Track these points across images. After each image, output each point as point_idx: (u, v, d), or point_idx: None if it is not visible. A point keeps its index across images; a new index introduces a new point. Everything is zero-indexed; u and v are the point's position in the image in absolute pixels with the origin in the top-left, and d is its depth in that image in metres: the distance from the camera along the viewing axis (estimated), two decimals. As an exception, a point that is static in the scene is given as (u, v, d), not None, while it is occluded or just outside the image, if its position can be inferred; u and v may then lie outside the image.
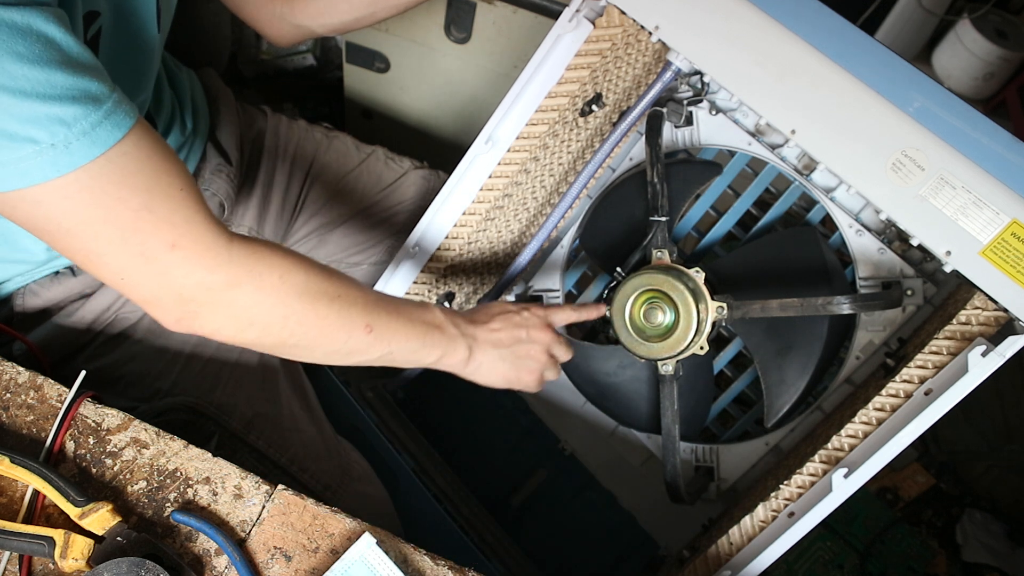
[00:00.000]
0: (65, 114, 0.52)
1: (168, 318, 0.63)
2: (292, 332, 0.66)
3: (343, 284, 0.70)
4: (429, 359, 0.78)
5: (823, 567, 1.39)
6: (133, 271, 0.59)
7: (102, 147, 0.54)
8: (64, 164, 0.53)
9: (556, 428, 1.17)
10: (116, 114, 0.55)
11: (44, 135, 0.51)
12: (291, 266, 0.65)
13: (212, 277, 0.61)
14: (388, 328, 0.72)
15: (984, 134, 0.64)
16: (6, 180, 0.52)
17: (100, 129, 0.54)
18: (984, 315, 0.67)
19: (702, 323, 0.85)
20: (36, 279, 0.81)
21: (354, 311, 0.69)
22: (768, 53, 0.69)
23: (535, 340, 0.85)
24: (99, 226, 0.56)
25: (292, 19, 0.95)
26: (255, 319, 0.64)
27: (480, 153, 0.91)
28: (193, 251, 0.59)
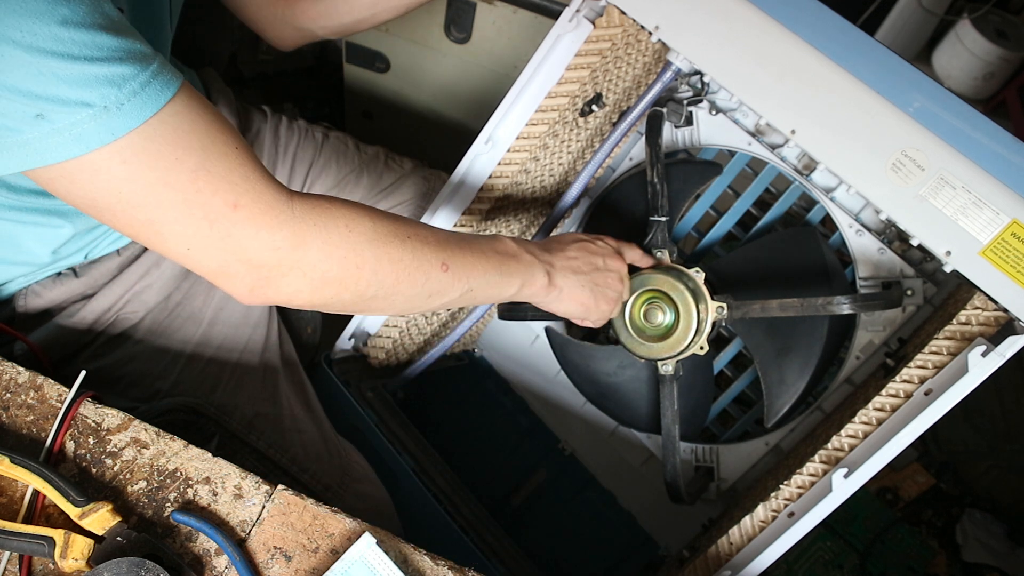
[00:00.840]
0: (115, 75, 0.51)
1: (241, 288, 0.60)
2: (369, 282, 0.64)
3: (411, 225, 0.67)
4: (510, 290, 0.75)
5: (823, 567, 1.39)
6: (198, 238, 0.57)
7: (154, 107, 0.53)
8: (119, 127, 0.52)
9: (556, 428, 1.17)
10: (163, 74, 0.54)
11: (96, 97, 0.51)
12: (356, 214, 0.63)
13: (277, 236, 0.59)
14: (464, 263, 0.70)
15: (984, 134, 0.64)
16: (63, 148, 0.52)
17: (150, 89, 0.53)
18: (984, 315, 0.67)
19: (702, 323, 0.85)
20: (38, 280, 0.81)
21: (427, 250, 0.67)
22: (768, 53, 0.69)
23: (611, 268, 0.84)
24: (159, 190, 0.54)
25: (293, 21, 0.95)
26: (329, 275, 0.62)
27: (480, 153, 0.91)
28: (256, 209, 0.57)
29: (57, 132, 0.51)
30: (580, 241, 0.84)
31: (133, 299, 0.87)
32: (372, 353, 1.08)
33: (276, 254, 0.59)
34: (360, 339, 1.07)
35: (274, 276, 0.60)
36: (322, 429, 0.99)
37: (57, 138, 0.51)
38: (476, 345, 1.23)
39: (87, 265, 0.83)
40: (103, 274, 0.84)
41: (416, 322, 1.06)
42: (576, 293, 0.81)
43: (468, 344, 1.22)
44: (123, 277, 0.86)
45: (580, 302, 0.82)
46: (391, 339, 1.06)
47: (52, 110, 0.50)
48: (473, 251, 0.71)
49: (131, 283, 0.86)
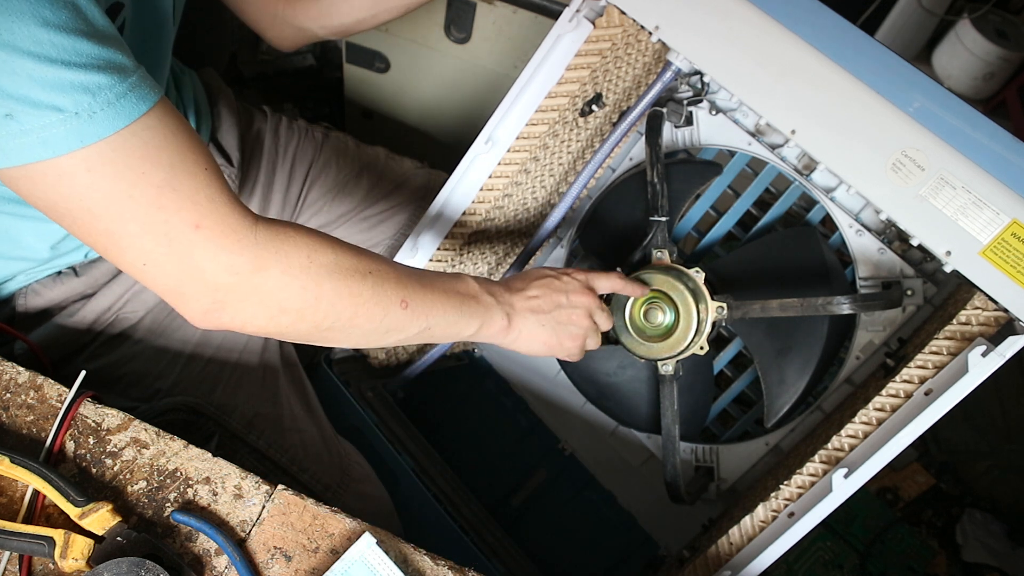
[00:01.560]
0: (90, 82, 0.51)
1: (195, 310, 0.60)
2: (326, 314, 0.63)
3: (373, 260, 0.67)
4: (468, 331, 0.75)
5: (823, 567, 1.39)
6: (156, 255, 0.56)
7: (127, 119, 0.52)
8: (88, 134, 0.51)
9: (556, 428, 1.17)
10: (141, 87, 0.54)
11: (68, 103, 0.50)
12: (318, 245, 0.63)
13: (238, 260, 0.58)
14: (424, 301, 0.69)
15: (984, 134, 0.64)
16: (29, 150, 0.51)
17: (125, 101, 0.52)
18: (984, 315, 0.67)
19: (702, 323, 0.85)
20: (39, 279, 0.81)
21: (388, 286, 0.66)
22: (768, 53, 0.69)
23: (576, 305, 0.82)
24: (122, 203, 0.54)
25: (293, 21, 0.95)
26: (286, 304, 0.61)
27: (480, 153, 0.91)
28: (218, 231, 0.57)
29: (24, 133, 0.50)
30: (544, 278, 0.82)
31: (133, 298, 0.87)
32: (372, 353, 1.08)
33: (235, 278, 0.58)
34: (360, 339, 1.07)
35: (231, 300, 0.59)
36: (322, 429, 0.99)
37: (24, 139, 0.50)
38: (476, 345, 1.23)
39: (87, 264, 0.83)
40: (103, 273, 0.84)
41: (416, 322, 1.06)
42: (536, 333, 0.80)
43: (468, 344, 1.22)
44: (123, 276, 0.86)
45: (542, 341, 0.81)
46: (391, 339, 1.06)
47: (22, 111, 0.50)
48: (434, 290, 0.71)
49: (131, 282, 0.86)
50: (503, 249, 1.07)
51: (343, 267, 0.64)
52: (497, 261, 1.08)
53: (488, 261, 1.07)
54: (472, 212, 0.95)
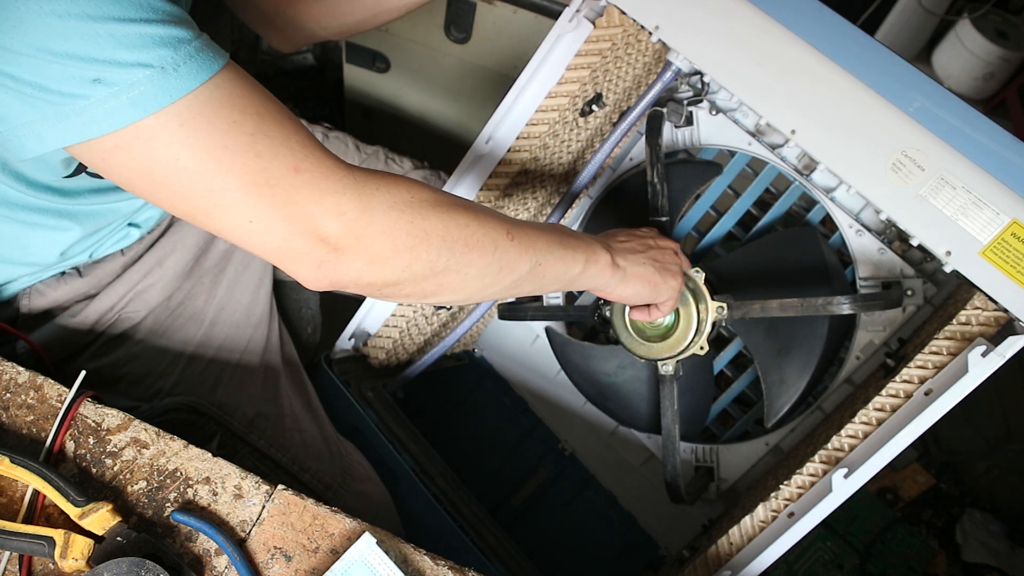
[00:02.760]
0: (170, 36, 0.50)
1: (309, 266, 0.57)
2: (439, 250, 0.60)
3: (468, 200, 0.65)
4: (576, 267, 0.72)
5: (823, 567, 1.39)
6: (260, 207, 0.54)
7: (209, 71, 0.52)
8: (176, 88, 0.50)
9: (556, 428, 1.17)
10: (213, 45, 0.53)
11: (153, 58, 0.50)
12: (415, 183, 0.61)
13: (342, 199, 0.56)
14: (528, 235, 0.67)
15: (984, 134, 0.64)
16: (120, 114, 0.50)
17: (203, 54, 0.52)
18: (984, 315, 0.67)
19: (702, 323, 0.85)
20: (43, 279, 0.81)
21: (490, 219, 0.64)
22: (768, 53, 0.69)
23: (664, 245, 0.83)
24: (218, 154, 0.52)
25: (294, 22, 0.95)
26: (398, 243, 0.58)
27: (480, 153, 0.91)
28: (318, 172, 0.55)
29: (115, 95, 0.49)
30: (624, 231, 0.83)
31: (135, 299, 0.87)
32: (372, 353, 1.08)
33: (341, 220, 0.56)
34: (360, 339, 1.07)
35: (343, 248, 0.57)
36: (323, 429, 0.99)
37: (115, 102, 0.50)
38: (476, 345, 1.23)
39: (91, 265, 0.83)
40: (107, 274, 0.84)
41: (416, 322, 1.06)
42: (640, 271, 0.78)
43: (468, 344, 1.22)
44: (126, 277, 0.86)
45: (646, 280, 0.79)
46: (391, 339, 1.06)
47: (110, 72, 0.49)
48: (533, 227, 0.69)
49: (134, 282, 0.86)
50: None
51: (444, 200, 0.62)
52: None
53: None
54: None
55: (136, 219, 0.84)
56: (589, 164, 0.92)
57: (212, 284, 0.93)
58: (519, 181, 0.96)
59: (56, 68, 0.48)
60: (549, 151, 0.95)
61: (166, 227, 0.89)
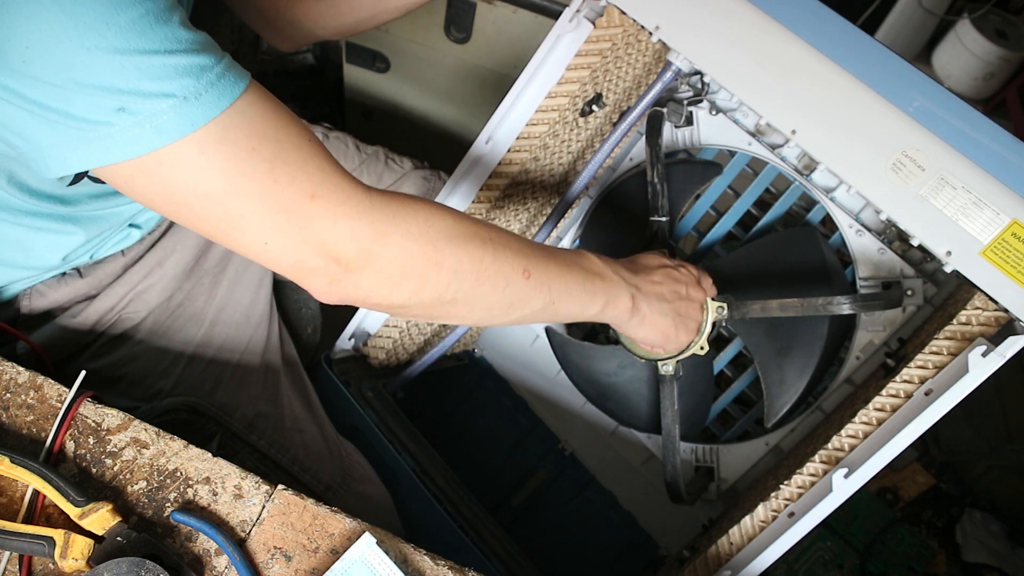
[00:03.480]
0: (192, 65, 0.51)
1: (320, 283, 0.60)
2: (448, 282, 0.62)
3: (491, 228, 0.65)
4: (592, 309, 0.73)
5: (823, 567, 1.39)
6: (276, 231, 0.56)
7: (230, 97, 0.53)
8: (198, 116, 0.52)
9: (556, 428, 1.17)
10: (235, 67, 0.54)
11: (177, 88, 0.51)
12: (435, 210, 0.61)
13: (357, 226, 0.58)
14: (546, 272, 0.67)
15: (984, 134, 0.64)
16: (144, 141, 0.52)
17: (225, 80, 0.53)
18: (984, 315, 0.67)
19: (702, 323, 0.85)
20: (43, 280, 0.81)
21: (509, 254, 0.65)
22: (768, 53, 0.69)
23: (693, 298, 0.81)
24: (237, 180, 0.54)
25: (294, 22, 0.95)
26: (408, 270, 0.60)
27: (480, 153, 0.91)
28: (333, 200, 0.57)
29: (139, 124, 0.51)
30: (665, 267, 0.81)
31: (136, 299, 0.87)
32: (372, 353, 1.08)
33: (355, 244, 0.58)
34: (360, 339, 1.07)
35: (354, 270, 0.59)
36: (323, 429, 0.99)
37: (139, 130, 0.51)
38: (476, 345, 1.23)
39: (91, 265, 0.83)
40: (107, 274, 0.84)
41: (416, 322, 1.06)
42: (658, 321, 0.79)
43: (468, 344, 1.22)
44: (126, 277, 0.86)
45: (661, 330, 0.80)
46: (391, 339, 1.06)
47: (134, 102, 0.50)
48: (556, 262, 0.69)
49: (134, 283, 0.86)
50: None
51: (462, 232, 0.62)
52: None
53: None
54: (473, 212, 0.95)
55: (137, 220, 0.84)
56: (589, 164, 0.92)
57: (212, 284, 0.93)
58: (519, 181, 0.96)
59: (82, 97, 0.50)
60: (549, 151, 0.95)
61: (166, 228, 0.89)
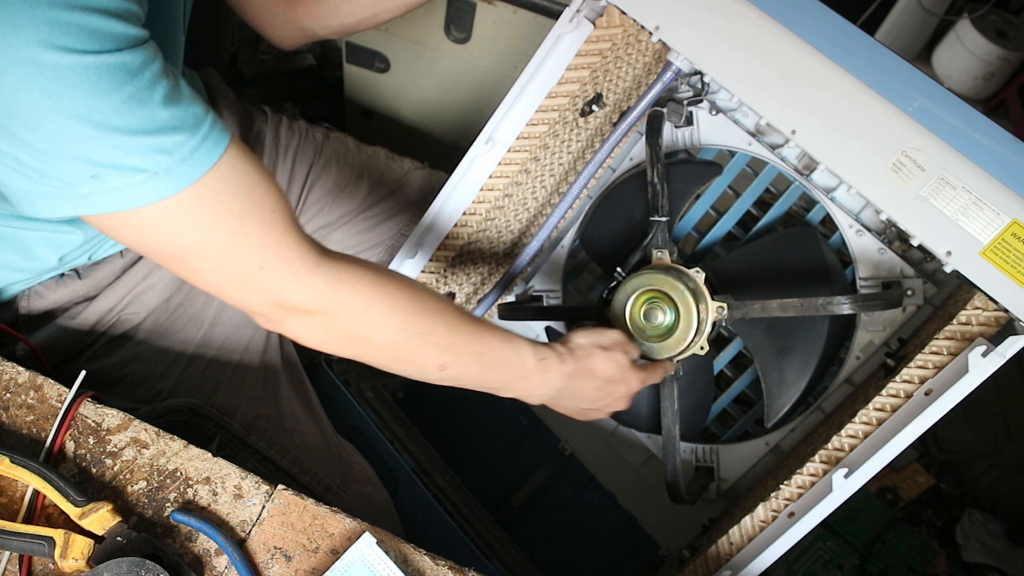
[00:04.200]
0: (167, 144, 0.55)
1: (261, 320, 0.67)
2: (365, 352, 0.70)
3: (429, 320, 0.70)
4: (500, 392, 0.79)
5: (823, 567, 1.39)
6: (229, 287, 0.64)
7: (199, 171, 0.57)
8: (165, 189, 0.56)
9: (556, 428, 1.17)
10: (212, 136, 0.58)
11: (148, 164, 0.54)
12: (376, 297, 0.67)
13: (300, 298, 0.65)
14: (464, 370, 0.74)
15: (984, 134, 0.64)
16: (112, 204, 0.56)
17: (198, 154, 0.57)
18: (984, 315, 0.67)
19: (702, 323, 0.85)
20: (42, 281, 0.81)
21: (432, 351, 0.71)
22: (768, 53, 0.69)
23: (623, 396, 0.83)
24: (197, 247, 0.60)
25: (294, 21, 0.95)
26: (335, 336, 0.68)
27: (480, 153, 0.91)
28: (280, 273, 0.63)
29: (110, 191, 0.55)
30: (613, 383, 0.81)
31: (135, 300, 0.87)
32: (372, 353, 1.08)
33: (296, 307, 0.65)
34: (360, 339, 1.07)
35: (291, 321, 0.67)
36: (323, 429, 0.99)
37: (109, 196, 0.55)
38: (476, 345, 1.23)
39: (90, 267, 0.83)
40: (106, 276, 0.84)
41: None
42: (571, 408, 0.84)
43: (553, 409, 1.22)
44: (125, 278, 0.86)
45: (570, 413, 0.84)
46: (391, 339, 1.06)
47: (107, 173, 0.54)
48: (482, 363, 0.74)
49: (133, 284, 0.86)
50: (504, 248, 1.07)
51: (393, 325, 0.69)
52: (497, 261, 1.08)
53: (488, 262, 1.07)
54: (473, 212, 0.95)
55: None
56: (589, 164, 0.92)
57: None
58: (520, 181, 0.96)
59: (59, 163, 0.53)
60: (549, 151, 0.95)
61: (166, 228, 0.89)
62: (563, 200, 0.96)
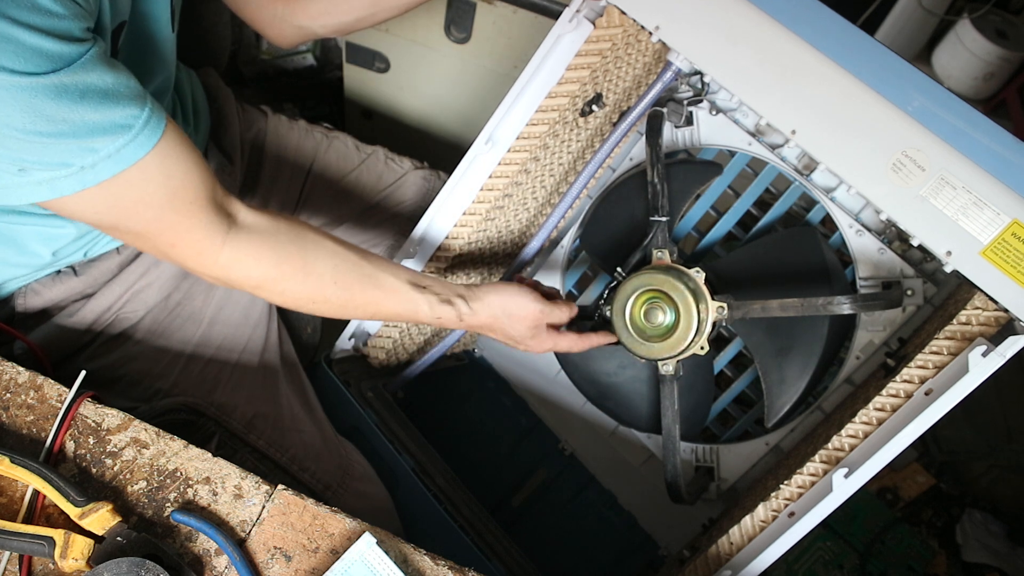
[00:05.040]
0: (95, 144, 0.60)
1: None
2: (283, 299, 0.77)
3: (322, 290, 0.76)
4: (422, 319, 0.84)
5: (823, 567, 1.39)
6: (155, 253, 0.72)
7: (124, 165, 0.62)
8: (89, 181, 0.61)
9: (556, 428, 1.17)
10: (142, 135, 0.62)
11: (75, 159, 0.60)
12: (272, 276, 0.73)
13: (203, 272, 0.73)
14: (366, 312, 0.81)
15: (984, 134, 0.64)
16: (39, 194, 0.61)
17: (125, 151, 0.61)
18: (984, 315, 0.67)
19: (702, 323, 0.85)
20: (38, 278, 0.81)
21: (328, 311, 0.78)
22: (768, 53, 0.69)
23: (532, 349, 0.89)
24: (119, 227, 0.67)
25: (293, 20, 0.95)
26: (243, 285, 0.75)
27: (480, 153, 0.91)
28: (188, 253, 0.70)
29: (37, 184, 0.60)
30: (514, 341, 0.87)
31: (133, 298, 0.87)
32: (372, 353, 1.08)
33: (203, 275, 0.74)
34: (360, 339, 1.07)
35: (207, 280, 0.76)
36: (322, 429, 0.99)
37: (36, 187, 0.61)
38: (476, 345, 1.23)
39: (87, 263, 0.83)
40: (103, 273, 0.84)
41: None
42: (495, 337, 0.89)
43: (468, 344, 1.22)
44: (123, 276, 0.86)
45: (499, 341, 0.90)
46: (391, 339, 1.06)
47: (34, 168, 0.59)
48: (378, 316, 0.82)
49: (131, 282, 0.86)
50: (504, 248, 1.07)
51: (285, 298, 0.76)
52: (497, 261, 1.08)
53: (488, 262, 1.07)
54: (473, 212, 0.95)
55: None
56: (589, 164, 0.92)
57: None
58: (519, 181, 0.96)
59: None
60: (549, 151, 0.95)
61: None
62: (563, 200, 0.96)
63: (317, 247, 0.76)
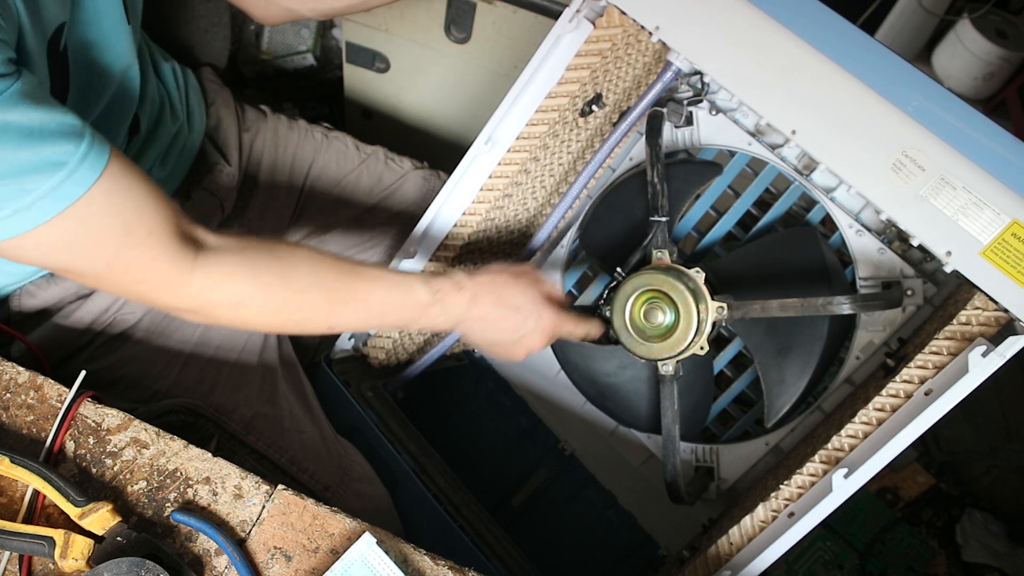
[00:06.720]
0: (27, 185, 0.56)
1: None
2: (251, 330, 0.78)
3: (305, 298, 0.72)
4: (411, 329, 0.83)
5: (823, 567, 1.39)
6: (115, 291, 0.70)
7: (66, 202, 0.58)
8: (27, 223, 0.57)
9: (556, 428, 1.17)
10: (80, 169, 0.58)
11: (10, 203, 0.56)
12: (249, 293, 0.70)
13: (175, 304, 0.69)
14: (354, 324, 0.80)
15: (984, 134, 0.64)
16: None
17: (63, 188, 0.57)
18: (984, 315, 0.67)
19: (702, 323, 0.85)
20: (32, 280, 0.81)
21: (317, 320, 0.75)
22: (768, 53, 0.69)
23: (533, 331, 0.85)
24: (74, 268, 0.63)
25: (281, 2, 0.94)
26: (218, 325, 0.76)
27: (480, 153, 0.91)
28: (156, 286, 0.66)
29: None
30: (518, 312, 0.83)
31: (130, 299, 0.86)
32: (372, 353, 1.08)
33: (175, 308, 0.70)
34: (360, 339, 1.07)
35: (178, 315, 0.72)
36: (321, 429, 0.98)
37: None
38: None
39: (83, 265, 0.83)
40: None
41: (416, 322, 1.06)
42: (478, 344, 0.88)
43: (468, 344, 1.22)
44: (121, 277, 0.85)
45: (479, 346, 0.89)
46: (391, 339, 1.06)
47: None
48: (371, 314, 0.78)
49: (129, 283, 0.86)
50: (503, 249, 1.07)
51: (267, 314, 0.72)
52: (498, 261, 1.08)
53: (488, 262, 1.07)
54: (472, 212, 0.95)
55: None
56: (589, 164, 0.92)
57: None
58: (519, 181, 0.96)
59: None
60: (549, 151, 0.95)
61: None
62: (563, 200, 0.96)
63: (291, 254, 0.72)
